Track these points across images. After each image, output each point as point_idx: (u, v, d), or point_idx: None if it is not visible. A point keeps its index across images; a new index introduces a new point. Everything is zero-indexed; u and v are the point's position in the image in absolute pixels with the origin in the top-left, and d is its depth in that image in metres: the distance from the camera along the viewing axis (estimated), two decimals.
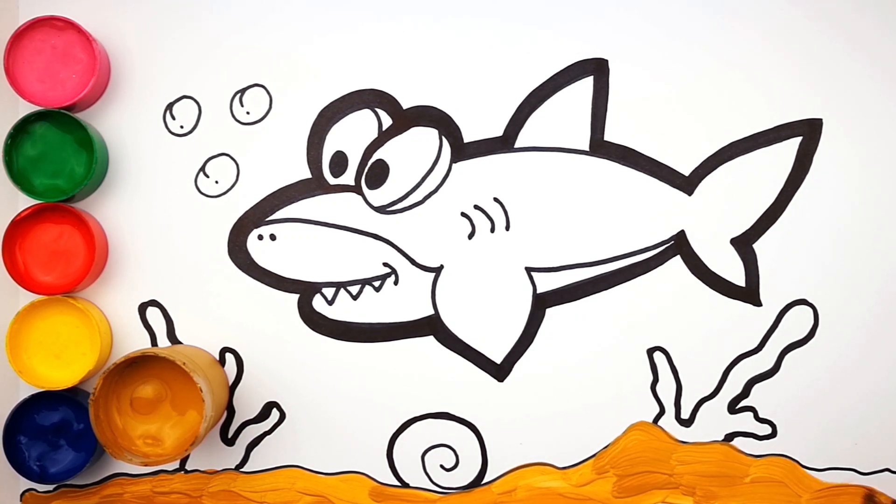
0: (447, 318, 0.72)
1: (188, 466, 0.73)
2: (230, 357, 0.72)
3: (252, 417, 0.72)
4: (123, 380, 0.67)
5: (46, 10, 0.70)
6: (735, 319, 0.72)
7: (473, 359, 0.72)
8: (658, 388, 0.72)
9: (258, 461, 0.72)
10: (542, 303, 0.72)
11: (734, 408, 0.72)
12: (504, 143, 0.72)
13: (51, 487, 0.72)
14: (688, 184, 0.72)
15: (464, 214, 0.72)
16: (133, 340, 0.72)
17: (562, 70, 0.71)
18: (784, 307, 0.72)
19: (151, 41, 0.71)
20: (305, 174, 0.72)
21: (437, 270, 0.72)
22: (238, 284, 0.72)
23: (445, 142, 0.72)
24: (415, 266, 0.72)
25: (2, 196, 0.70)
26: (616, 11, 0.71)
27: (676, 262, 0.72)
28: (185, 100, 0.72)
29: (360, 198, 0.72)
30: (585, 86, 0.71)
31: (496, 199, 0.72)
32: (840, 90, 0.71)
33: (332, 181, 0.72)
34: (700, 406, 0.72)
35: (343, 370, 0.72)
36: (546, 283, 0.72)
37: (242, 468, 0.72)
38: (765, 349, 0.72)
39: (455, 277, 0.72)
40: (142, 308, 0.72)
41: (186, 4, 0.71)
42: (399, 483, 0.73)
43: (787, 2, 0.71)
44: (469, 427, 0.72)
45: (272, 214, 0.72)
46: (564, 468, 0.73)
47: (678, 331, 0.72)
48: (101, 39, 0.71)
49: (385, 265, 0.72)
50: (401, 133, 0.72)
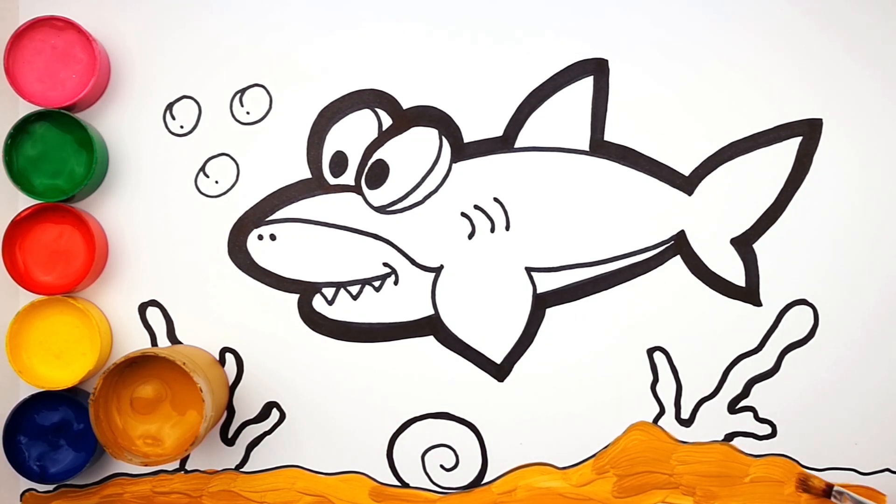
0: (447, 318, 0.72)
1: (188, 466, 0.72)
2: (230, 357, 0.72)
3: (252, 417, 0.72)
4: (123, 380, 0.67)
5: (46, 10, 0.70)
6: (735, 319, 0.72)
7: (473, 359, 0.72)
8: (658, 388, 0.72)
9: (258, 461, 0.72)
10: (542, 303, 0.72)
11: (734, 408, 0.72)
12: (504, 143, 0.72)
13: (51, 487, 0.72)
14: (688, 184, 0.72)
15: (464, 214, 0.72)
16: (133, 340, 0.72)
17: (562, 70, 0.71)
18: (784, 307, 0.72)
19: (151, 41, 0.71)
20: (305, 174, 0.72)
21: (437, 270, 0.72)
22: (238, 284, 0.72)
23: (445, 142, 0.72)
24: (415, 266, 0.72)
25: (2, 196, 0.70)
26: (616, 11, 0.71)
27: (676, 262, 0.72)
28: (185, 100, 0.72)
29: (360, 198, 0.72)
30: (585, 86, 0.71)
31: (496, 199, 0.72)
32: (840, 90, 0.71)
33: (332, 181, 0.71)
34: (700, 406, 0.72)
35: (343, 370, 0.72)
36: (546, 283, 0.72)
37: (242, 468, 0.72)
38: (765, 349, 0.72)
39: (455, 277, 0.72)
40: (142, 308, 0.72)
41: (186, 4, 0.71)
42: (399, 483, 0.73)
43: (787, 2, 0.71)
44: (469, 427, 0.72)
45: (272, 214, 0.72)
46: (564, 468, 0.73)
47: (678, 331, 0.72)
48: (101, 39, 0.71)
49: (385, 265, 0.72)
50: (401, 133, 0.72)
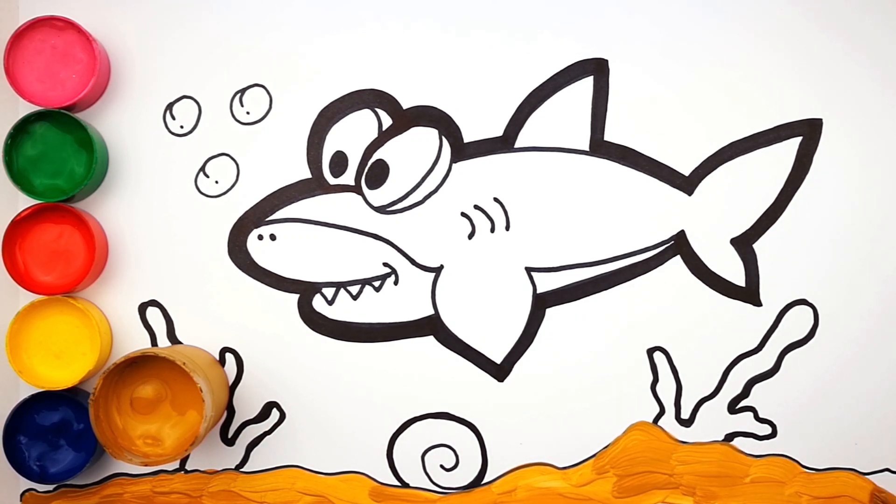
0: (447, 318, 0.72)
1: (188, 466, 0.72)
2: (230, 357, 0.72)
3: (252, 417, 0.72)
4: (123, 380, 0.67)
5: (46, 10, 0.70)
6: (735, 319, 0.72)
7: (473, 359, 0.72)
8: (658, 388, 0.72)
9: (258, 461, 0.72)
10: (542, 303, 0.72)
11: (734, 408, 0.72)
12: (504, 143, 0.72)
13: (51, 487, 0.72)
14: (688, 184, 0.72)
15: (464, 214, 0.72)
16: (133, 340, 0.72)
17: (562, 70, 0.71)
18: (784, 307, 0.72)
19: (151, 41, 0.71)
20: (305, 174, 0.72)
21: (437, 270, 0.72)
22: (238, 284, 0.72)
23: (445, 142, 0.72)
24: (415, 266, 0.72)
25: (2, 196, 0.70)
26: (616, 11, 0.71)
27: (676, 262, 0.72)
28: (185, 100, 0.72)
29: (360, 198, 0.72)
30: (585, 86, 0.71)
31: (496, 199, 0.72)
32: (840, 90, 0.71)
33: (332, 181, 0.71)
34: (700, 406, 0.72)
35: (343, 370, 0.72)
36: (546, 283, 0.72)
37: (242, 468, 0.72)
38: (765, 349, 0.72)
39: (455, 277, 0.72)
40: (142, 308, 0.72)
41: (186, 4, 0.71)
42: (399, 483, 0.73)
43: (787, 2, 0.71)
44: (469, 427, 0.72)
45: (272, 214, 0.72)
46: (564, 468, 0.73)
47: (678, 331, 0.72)
48: (101, 39, 0.71)
49: (385, 265, 0.72)
50: (401, 133, 0.72)
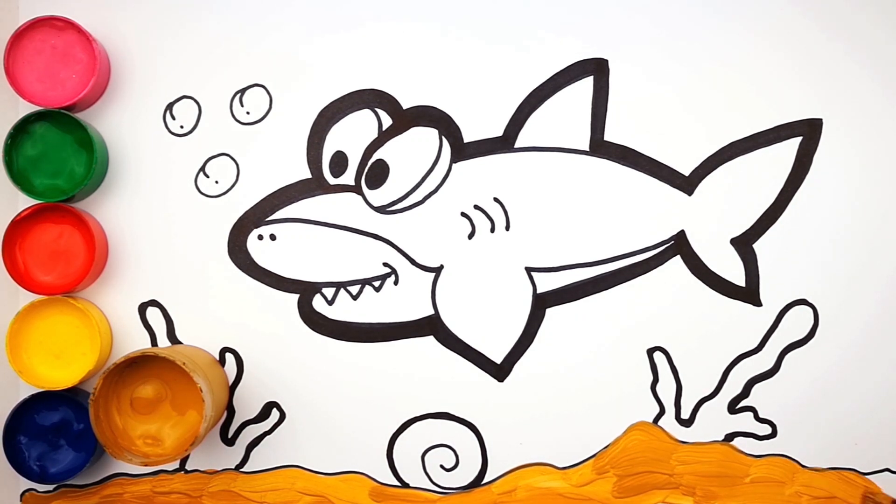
0: (447, 318, 0.72)
1: (188, 466, 0.72)
2: (230, 357, 0.72)
3: (252, 417, 0.72)
4: (123, 380, 0.67)
5: (46, 10, 0.70)
6: (735, 319, 0.72)
7: (473, 359, 0.72)
8: (658, 388, 0.72)
9: (258, 461, 0.72)
10: (542, 303, 0.72)
11: (734, 408, 0.72)
12: (504, 143, 0.72)
13: (51, 487, 0.72)
14: (688, 184, 0.72)
15: (464, 214, 0.72)
16: (133, 340, 0.72)
17: (562, 70, 0.71)
18: (784, 307, 0.72)
19: (151, 41, 0.71)
20: (305, 174, 0.72)
21: (437, 270, 0.72)
22: (238, 284, 0.72)
23: (445, 142, 0.72)
24: (415, 266, 0.72)
25: (2, 196, 0.70)
26: (616, 11, 0.71)
27: (676, 262, 0.72)
28: (185, 100, 0.72)
29: (360, 198, 0.72)
30: (585, 86, 0.71)
31: (496, 199, 0.72)
32: (840, 90, 0.71)
33: (332, 181, 0.71)
34: (700, 406, 0.72)
35: (343, 370, 0.72)
36: (546, 283, 0.72)
37: (242, 468, 0.72)
38: (765, 349, 0.72)
39: (455, 277, 0.72)
40: (142, 308, 0.72)
41: (186, 4, 0.71)
42: (399, 483, 0.73)
43: (787, 2, 0.71)
44: (469, 427, 0.72)
45: (272, 214, 0.72)
46: (564, 468, 0.73)
47: (678, 331, 0.72)
48: (101, 39, 0.71)
49: (385, 265, 0.72)
50: (401, 133, 0.72)
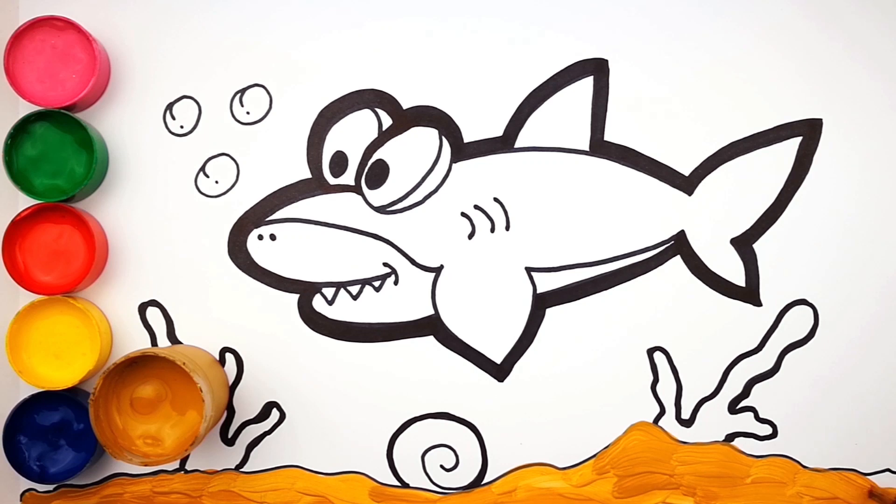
0: (447, 318, 0.72)
1: (188, 466, 0.72)
2: (230, 357, 0.72)
3: (252, 417, 0.72)
4: (123, 380, 0.67)
5: (46, 10, 0.70)
6: (735, 319, 0.72)
7: (473, 359, 0.72)
8: (658, 389, 0.72)
9: (258, 461, 0.72)
10: (542, 303, 0.72)
11: (734, 408, 0.72)
12: (504, 143, 0.72)
13: (51, 487, 0.72)
14: (688, 184, 0.72)
15: (464, 214, 0.72)
16: (133, 340, 0.72)
17: (562, 70, 0.71)
18: (784, 307, 0.72)
19: (151, 41, 0.71)
20: (305, 174, 0.72)
21: (437, 270, 0.72)
22: (238, 284, 0.72)
23: (445, 142, 0.72)
24: (415, 266, 0.72)
25: (2, 196, 0.70)
26: (616, 11, 0.71)
27: (676, 262, 0.72)
28: (185, 100, 0.72)
29: (360, 198, 0.72)
30: (585, 86, 0.71)
31: (496, 199, 0.72)
32: (840, 90, 0.71)
33: (332, 181, 0.72)
34: (700, 406, 0.72)
35: (343, 370, 0.72)
36: (546, 283, 0.72)
37: (242, 468, 0.72)
38: (765, 349, 0.72)
39: (455, 277, 0.72)
40: (142, 308, 0.72)
41: (186, 4, 0.71)
42: (399, 483, 0.73)
43: (787, 2, 0.71)
44: (469, 427, 0.72)
45: (272, 214, 0.72)
46: (565, 468, 0.73)
47: (678, 331, 0.72)
48: (101, 39, 0.71)
49: (385, 265, 0.72)
50: (401, 133, 0.72)
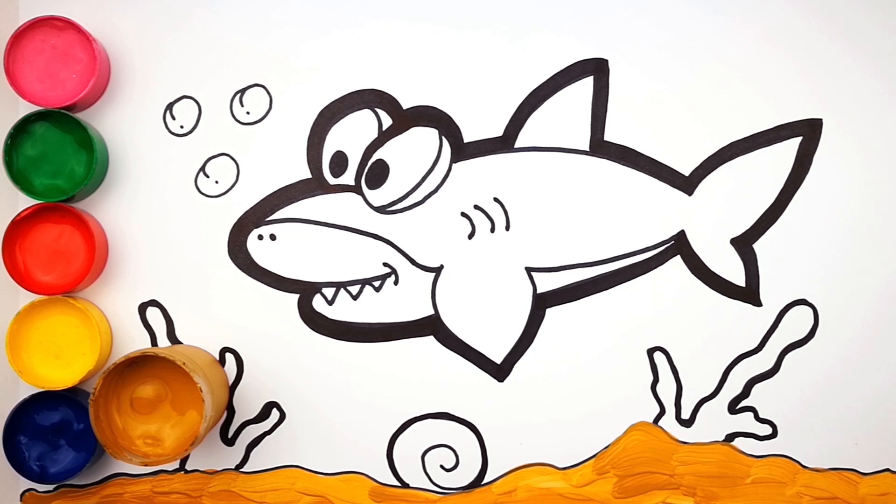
0: (447, 318, 0.72)
1: (188, 466, 0.72)
2: (230, 357, 0.72)
3: (252, 417, 0.72)
4: (123, 380, 0.67)
5: (46, 10, 0.70)
6: (735, 319, 0.72)
7: (473, 359, 0.72)
8: (658, 389, 0.72)
9: (258, 461, 0.72)
10: (542, 303, 0.72)
11: (734, 408, 0.72)
12: (504, 143, 0.72)
13: (51, 487, 0.72)
14: (688, 184, 0.72)
15: (464, 214, 0.72)
16: (133, 340, 0.72)
17: (562, 70, 0.71)
18: (784, 307, 0.72)
19: (151, 41, 0.71)
20: (305, 174, 0.72)
21: (437, 270, 0.72)
22: (238, 284, 0.72)
23: (445, 142, 0.72)
24: (415, 266, 0.72)
25: (2, 196, 0.70)
26: (616, 12, 0.71)
27: (676, 262, 0.72)
28: (185, 100, 0.72)
29: (360, 198, 0.72)
30: (585, 86, 0.71)
31: (496, 199, 0.72)
32: (840, 90, 0.71)
33: (332, 181, 0.72)
34: (700, 406, 0.72)
35: (343, 370, 0.72)
36: (546, 283, 0.72)
37: (242, 468, 0.72)
38: (765, 349, 0.72)
39: (455, 277, 0.72)
40: (142, 308, 0.72)
41: (186, 4, 0.71)
42: (399, 483, 0.73)
43: (787, 2, 0.71)
44: (469, 427, 0.72)
45: (272, 214, 0.72)
46: (565, 468, 0.73)
47: (678, 331, 0.72)
48: (101, 39, 0.71)
49: (385, 265, 0.72)
50: (401, 133, 0.72)
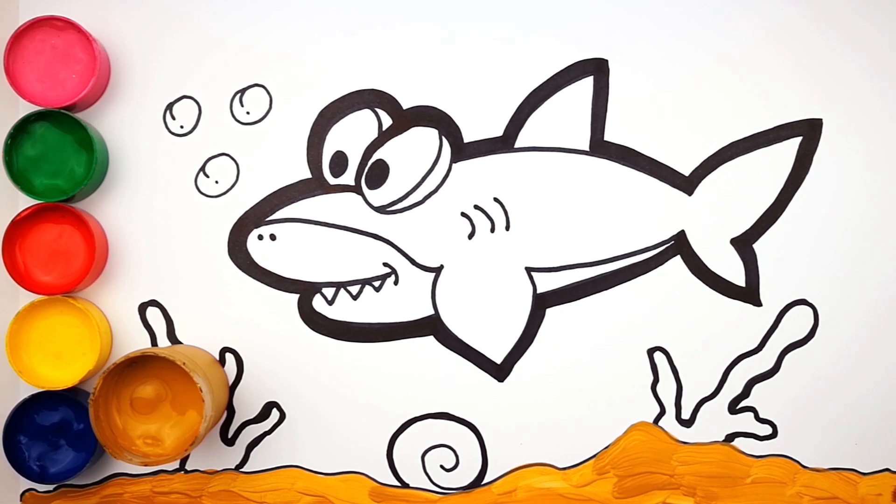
0: (447, 318, 0.72)
1: (188, 466, 0.72)
2: (230, 357, 0.72)
3: (252, 417, 0.72)
4: (123, 380, 0.67)
5: (46, 10, 0.70)
6: (735, 319, 0.72)
7: (473, 359, 0.72)
8: (658, 389, 0.72)
9: (258, 461, 0.72)
10: (542, 303, 0.72)
11: (735, 408, 0.72)
12: (504, 143, 0.72)
13: (51, 487, 0.72)
14: (688, 184, 0.72)
15: (464, 214, 0.72)
16: (133, 340, 0.72)
17: (562, 70, 0.71)
18: (784, 307, 0.72)
19: (151, 41, 0.71)
20: (305, 174, 0.72)
21: (437, 270, 0.72)
22: (238, 284, 0.72)
23: (445, 142, 0.72)
24: (415, 266, 0.72)
25: (2, 196, 0.70)
26: (616, 12, 0.71)
27: (676, 262, 0.72)
28: (185, 100, 0.72)
29: (360, 198, 0.72)
30: (585, 86, 0.71)
31: (496, 199, 0.72)
32: (840, 90, 0.71)
33: (332, 181, 0.72)
34: (700, 406, 0.72)
35: (343, 370, 0.72)
36: (546, 283, 0.72)
37: (242, 468, 0.72)
38: (765, 349, 0.72)
39: (455, 277, 0.72)
40: (142, 308, 0.72)
41: (186, 4, 0.71)
42: (399, 483, 0.73)
43: (787, 2, 0.71)
44: (469, 427, 0.72)
45: (272, 214, 0.72)
46: (565, 469, 0.73)
47: (678, 331, 0.72)
48: (101, 39, 0.71)
49: (385, 265, 0.72)
50: (401, 133, 0.72)
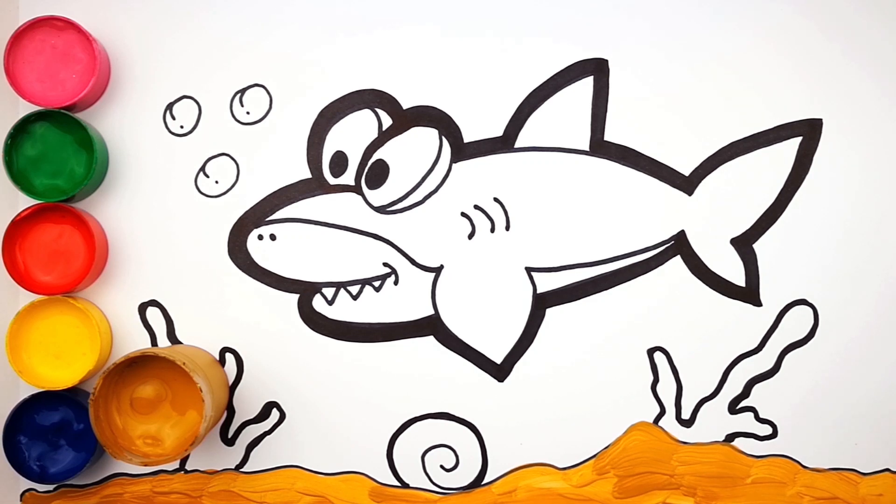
0: (447, 318, 0.72)
1: (188, 466, 0.72)
2: (230, 357, 0.72)
3: (252, 417, 0.72)
4: (123, 380, 0.67)
5: (46, 10, 0.70)
6: (735, 319, 0.72)
7: (473, 359, 0.72)
8: (658, 389, 0.72)
9: (258, 461, 0.72)
10: (542, 303, 0.72)
11: (735, 408, 0.72)
12: (504, 143, 0.72)
13: (51, 487, 0.72)
14: (688, 184, 0.72)
15: (464, 214, 0.72)
16: (133, 340, 0.72)
17: (562, 70, 0.71)
18: (784, 307, 0.72)
19: (151, 41, 0.71)
20: (305, 174, 0.72)
21: (437, 270, 0.72)
22: (238, 284, 0.72)
23: (445, 142, 0.72)
24: (415, 266, 0.72)
25: (2, 196, 0.70)
26: (616, 12, 0.71)
27: (676, 262, 0.72)
28: (185, 100, 0.72)
29: (360, 198, 0.72)
30: (585, 86, 0.71)
31: (496, 199, 0.72)
32: (840, 90, 0.71)
33: (332, 181, 0.72)
34: (701, 406, 0.72)
35: (343, 370, 0.72)
36: (546, 283, 0.72)
37: (242, 468, 0.72)
38: (765, 349, 0.72)
39: (455, 277, 0.72)
40: (142, 308, 0.72)
41: (186, 4, 0.71)
42: (399, 483, 0.73)
43: (787, 2, 0.71)
44: (469, 427, 0.72)
45: (272, 214, 0.72)
46: (565, 469, 0.73)
47: (678, 331, 0.72)
48: (101, 39, 0.71)
49: (385, 265, 0.72)
50: (401, 133, 0.72)
